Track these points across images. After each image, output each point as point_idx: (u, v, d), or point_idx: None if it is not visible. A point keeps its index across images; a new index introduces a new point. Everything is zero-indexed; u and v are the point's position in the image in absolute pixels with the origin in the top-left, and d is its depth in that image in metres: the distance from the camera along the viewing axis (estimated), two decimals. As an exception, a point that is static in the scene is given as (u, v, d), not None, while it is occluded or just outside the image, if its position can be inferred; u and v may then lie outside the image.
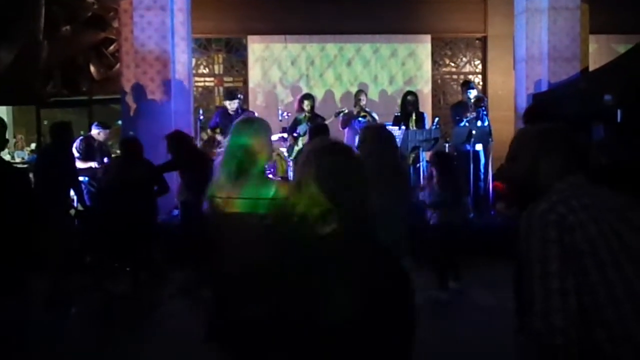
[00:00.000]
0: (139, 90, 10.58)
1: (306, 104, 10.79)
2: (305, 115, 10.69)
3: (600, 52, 12.85)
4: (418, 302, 2.10)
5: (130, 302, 7.62)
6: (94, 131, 10.52)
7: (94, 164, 9.97)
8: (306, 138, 10.02)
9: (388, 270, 2.14)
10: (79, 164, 9.33)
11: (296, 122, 10.78)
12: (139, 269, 8.01)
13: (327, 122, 9.21)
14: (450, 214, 7.46)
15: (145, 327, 6.91)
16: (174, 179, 9.01)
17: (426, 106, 12.70)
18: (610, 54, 12.26)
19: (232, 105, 10.54)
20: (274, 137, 11.10)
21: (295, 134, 10.73)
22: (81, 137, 10.45)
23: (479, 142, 10.10)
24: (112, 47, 13.40)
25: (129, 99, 10.75)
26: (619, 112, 8.66)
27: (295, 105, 11.30)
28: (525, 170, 2.45)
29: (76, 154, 9.44)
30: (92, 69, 13.67)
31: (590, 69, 11.19)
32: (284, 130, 11.00)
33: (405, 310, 2.10)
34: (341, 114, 10.95)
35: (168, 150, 8.19)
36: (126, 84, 10.82)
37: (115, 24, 12.31)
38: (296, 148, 10.55)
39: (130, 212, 7.60)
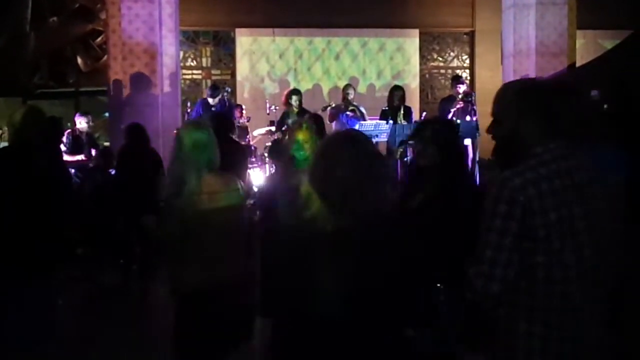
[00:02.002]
0: (126, 83, 10.53)
1: (294, 100, 10.70)
2: (294, 110, 10.65)
3: (587, 47, 12.93)
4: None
5: (121, 294, 7.58)
6: (78, 121, 10.46)
7: (81, 157, 9.92)
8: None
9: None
10: (66, 157, 9.28)
11: (285, 116, 10.73)
12: (133, 262, 7.86)
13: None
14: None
15: (136, 319, 6.87)
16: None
17: (414, 100, 12.73)
18: (597, 49, 12.33)
19: (213, 101, 10.62)
20: (261, 131, 11.09)
21: (284, 129, 10.66)
22: (68, 131, 10.38)
23: (467, 137, 10.10)
24: (99, 39, 13.34)
25: (116, 91, 10.68)
26: (605, 107, 8.70)
27: (283, 99, 11.25)
28: (508, 133, 2.48)
29: (63, 148, 9.39)
30: (79, 60, 13.60)
31: (578, 64, 11.24)
32: (271, 123, 10.94)
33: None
34: (329, 108, 10.92)
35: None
36: (113, 76, 10.74)
37: (103, 16, 12.23)
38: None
39: (138, 206, 7.47)
